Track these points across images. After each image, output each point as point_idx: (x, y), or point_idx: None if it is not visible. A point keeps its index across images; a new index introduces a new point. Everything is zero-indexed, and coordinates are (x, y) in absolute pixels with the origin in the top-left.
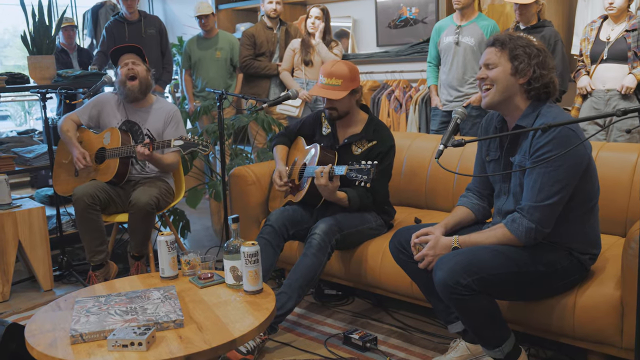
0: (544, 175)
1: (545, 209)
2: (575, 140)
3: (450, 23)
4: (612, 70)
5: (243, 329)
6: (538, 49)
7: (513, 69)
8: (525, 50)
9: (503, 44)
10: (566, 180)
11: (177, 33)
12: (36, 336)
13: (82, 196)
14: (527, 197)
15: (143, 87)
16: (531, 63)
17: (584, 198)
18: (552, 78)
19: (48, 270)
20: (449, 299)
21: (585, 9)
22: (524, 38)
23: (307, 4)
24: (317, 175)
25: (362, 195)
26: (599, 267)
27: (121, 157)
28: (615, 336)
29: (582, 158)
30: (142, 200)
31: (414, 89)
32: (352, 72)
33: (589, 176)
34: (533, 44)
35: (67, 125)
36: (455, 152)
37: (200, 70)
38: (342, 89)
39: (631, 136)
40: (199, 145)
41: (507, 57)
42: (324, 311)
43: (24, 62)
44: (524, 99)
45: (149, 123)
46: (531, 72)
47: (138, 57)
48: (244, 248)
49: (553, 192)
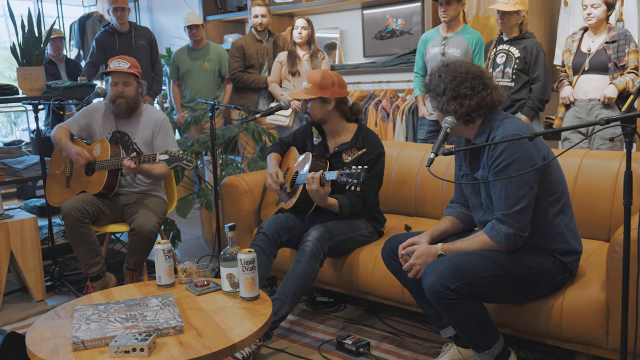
0: (506, 184)
1: (517, 214)
2: (526, 144)
3: (436, 34)
4: (594, 81)
5: (242, 334)
6: (447, 81)
7: (439, 110)
8: (436, 90)
9: (426, 90)
10: (528, 183)
11: (165, 44)
12: (37, 344)
13: (70, 211)
14: (498, 207)
15: (130, 106)
16: (442, 100)
17: (550, 198)
18: (479, 99)
19: (40, 281)
20: (438, 303)
21: (567, 20)
22: (440, 71)
23: (294, 16)
24: (308, 180)
25: (352, 201)
26: (585, 271)
27: (109, 170)
28: (601, 337)
29: (536, 158)
30: (146, 228)
31: (400, 98)
32: (324, 80)
33: (549, 173)
34: (442, 79)
35: (60, 134)
36: (444, 160)
37: (188, 81)
38: (309, 93)
39: (613, 144)
40: (183, 160)
41: (435, 103)
42: (317, 318)
43: (10, 73)
44: (472, 124)
45: (138, 133)
46: (449, 108)
47: (131, 76)
48: (240, 255)
49: (519, 197)
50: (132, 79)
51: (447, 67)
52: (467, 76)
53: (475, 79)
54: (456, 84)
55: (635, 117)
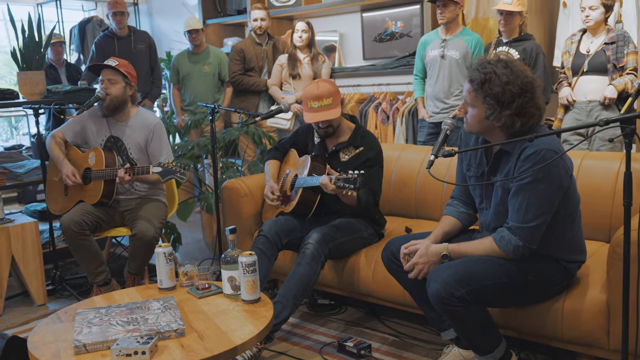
0: (529, 198)
1: (532, 229)
2: (558, 163)
3: (435, 37)
4: (593, 82)
5: (243, 336)
6: (516, 93)
7: (487, 114)
8: (499, 98)
9: (478, 86)
10: (551, 202)
11: (164, 48)
12: (39, 348)
13: (69, 224)
14: (514, 218)
15: (112, 105)
16: (504, 113)
17: (566, 212)
18: (536, 118)
19: (41, 285)
20: (443, 309)
21: (566, 22)
22: (505, 75)
23: (293, 19)
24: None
25: (366, 193)
26: (585, 272)
27: (105, 180)
28: (602, 338)
29: (565, 178)
30: (148, 234)
31: (400, 101)
32: (333, 88)
33: (571, 190)
34: (510, 87)
35: (52, 145)
36: (444, 162)
37: (188, 85)
38: (335, 106)
39: (613, 145)
40: (177, 172)
41: (481, 100)
42: (318, 320)
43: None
44: (503, 133)
45: (130, 138)
46: (504, 121)
47: (117, 73)
48: (241, 258)
49: (539, 214)
50: (119, 78)
51: (511, 72)
52: (535, 92)
53: (540, 95)
54: (526, 100)
55: (635, 117)
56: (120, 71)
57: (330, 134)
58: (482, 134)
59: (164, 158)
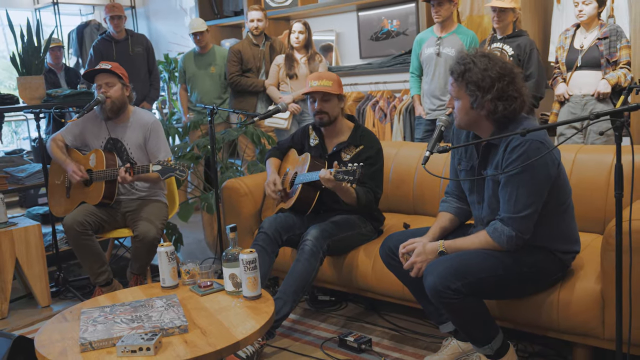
0: (518, 188)
1: (523, 219)
2: (544, 151)
3: (430, 35)
4: (587, 77)
5: (245, 332)
6: (495, 77)
7: (471, 103)
8: (479, 84)
9: (459, 76)
10: (540, 191)
11: (163, 50)
12: (46, 346)
13: (72, 224)
14: (504, 209)
15: (115, 107)
16: (485, 97)
17: (558, 202)
18: (518, 102)
19: (45, 287)
20: (440, 302)
21: (560, 17)
22: (483, 62)
23: (290, 19)
24: (324, 181)
25: (366, 192)
26: (580, 264)
27: (106, 180)
28: (597, 328)
29: (552, 168)
30: (149, 235)
31: (397, 99)
32: (339, 79)
33: (561, 180)
34: (489, 73)
35: (54, 148)
36: (441, 158)
37: (195, 85)
38: (334, 90)
39: (607, 138)
40: (177, 170)
41: (463, 90)
42: (319, 316)
43: (10, 82)
44: (490, 122)
45: (129, 138)
46: (487, 106)
47: (112, 75)
48: (242, 255)
49: (528, 204)
50: (115, 80)
51: (489, 60)
52: (514, 77)
53: (519, 80)
54: (505, 84)
55: (624, 111)
56: (116, 73)
57: (325, 124)
58: (472, 127)
59: (162, 156)
